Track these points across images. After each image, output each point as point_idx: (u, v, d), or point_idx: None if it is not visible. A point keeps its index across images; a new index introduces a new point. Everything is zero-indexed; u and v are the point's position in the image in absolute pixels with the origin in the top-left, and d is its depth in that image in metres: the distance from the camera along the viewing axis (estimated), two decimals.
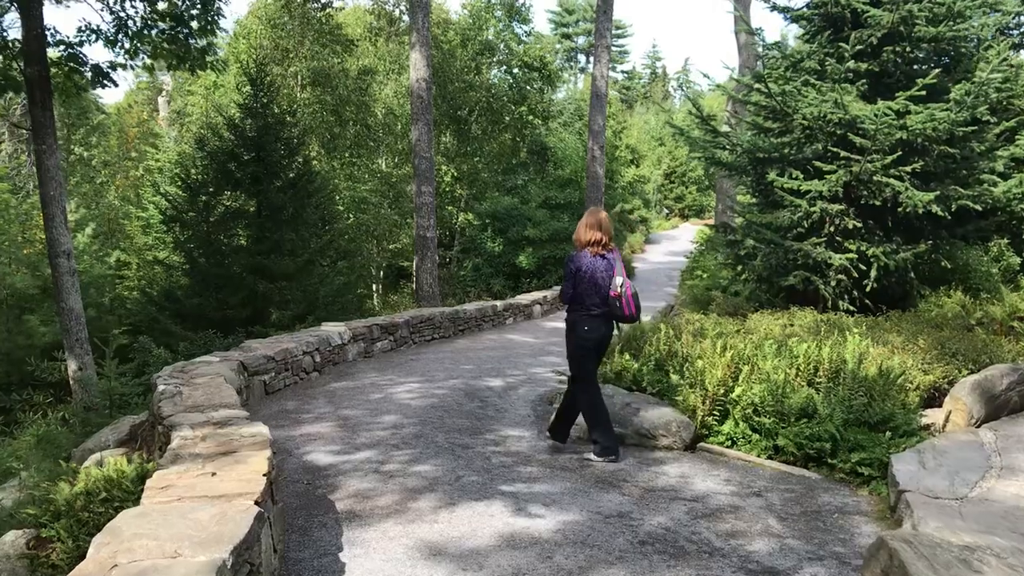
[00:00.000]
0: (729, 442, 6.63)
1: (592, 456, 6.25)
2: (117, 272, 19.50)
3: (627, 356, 7.84)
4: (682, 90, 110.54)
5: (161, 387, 6.46)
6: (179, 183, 15.12)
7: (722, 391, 6.76)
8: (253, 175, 14.33)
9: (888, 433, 6.15)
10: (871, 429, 6.26)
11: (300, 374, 9.45)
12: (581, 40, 76.75)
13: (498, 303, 17.28)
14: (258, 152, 14.40)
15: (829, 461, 6.15)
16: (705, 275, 13.19)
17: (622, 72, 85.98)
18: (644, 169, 44.60)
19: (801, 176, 9.70)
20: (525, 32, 30.34)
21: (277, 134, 14.80)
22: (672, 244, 42.41)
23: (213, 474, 3.87)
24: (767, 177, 9.70)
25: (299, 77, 21.89)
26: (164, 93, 35.50)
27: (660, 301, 23.47)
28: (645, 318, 15.45)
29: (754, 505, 5.30)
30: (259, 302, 13.98)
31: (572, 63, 75.92)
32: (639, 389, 7.50)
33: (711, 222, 51.37)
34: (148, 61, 13.61)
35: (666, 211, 54.82)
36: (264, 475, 3.87)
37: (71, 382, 12.49)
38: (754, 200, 11.50)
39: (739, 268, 10.98)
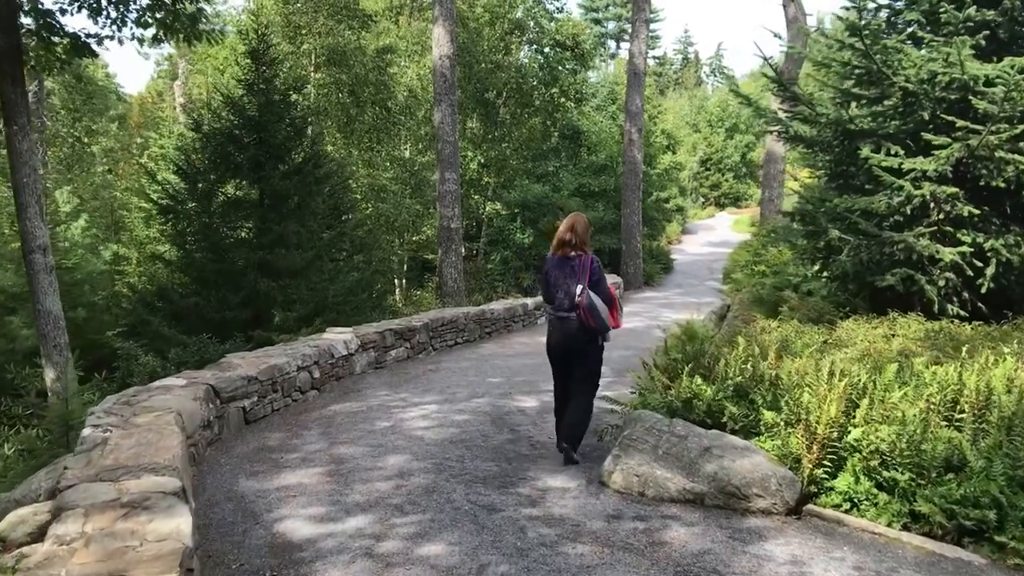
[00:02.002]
0: (847, 504, 4.90)
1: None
2: (116, 267, 18.03)
3: (698, 380, 6.12)
4: (715, 76, 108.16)
5: (87, 430, 4.86)
6: (176, 170, 13.58)
7: (835, 433, 5.04)
8: (254, 159, 12.73)
9: None
10: None
11: (293, 394, 7.84)
12: (611, 26, 74.62)
13: (528, 301, 15.60)
14: (259, 134, 12.81)
15: (995, 538, 4.43)
16: (769, 271, 11.41)
17: (653, 58, 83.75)
18: (680, 156, 42.59)
19: (902, 152, 7.90)
20: (557, 8, 28.48)
21: (281, 113, 13.19)
22: (709, 234, 40.49)
23: None
24: (860, 153, 7.91)
25: (312, 56, 20.28)
26: (180, 79, 34.14)
27: (705, 297, 21.67)
28: (699, 317, 13.70)
29: None
30: (261, 302, 12.41)
31: (603, 48, 73.71)
32: (715, 424, 5.80)
33: (749, 211, 49.30)
34: (137, 31, 12.10)
35: (702, 200, 52.77)
36: None
37: (49, 393, 11.03)
38: (829, 183, 9.69)
39: (819, 264, 9.22)
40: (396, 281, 23.49)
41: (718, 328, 12.49)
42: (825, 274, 9.34)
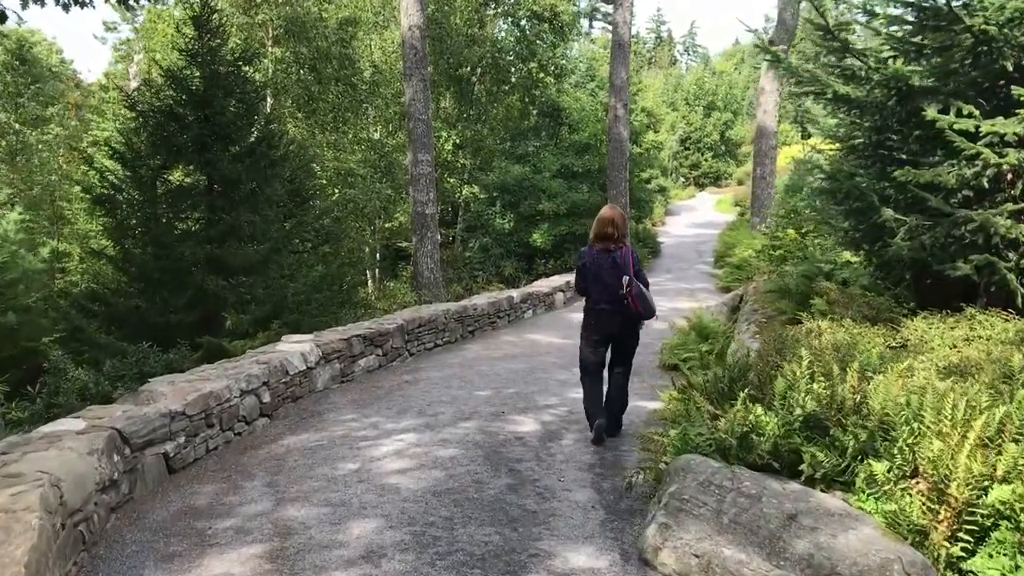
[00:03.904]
0: None
1: None
2: (57, 265, 16.26)
3: (758, 409, 4.67)
4: (689, 55, 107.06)
5: None
6: (113, 155, 11.90)
7: (974, 491, 3.61)
8: (198, 140, 11.06)
9: None
10: None
11: (236, 426, 6.30)
12: (583, 3, 72.81)
13: (514, 293, 14.11)
14: (204, 111, 11.14)
15: None
16: (792, 257, 10.00)
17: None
18: (660, 135, 41.15)
19: (977, 112, 6.47)
20: None
21: (230, 87, 11.52)
22: (693, 215, 39.16)
23: None
24: (925, 115, 6.47)
25: (269, 28, 18.52)
26: (134, 63, 32.10)
27: (697, 282, 20.32)
28: (705, 306, 12.33)
29: None
30: (210, 303, 10.81)
31: (577, 26, 71.93)
32: (785, 468, 4.37)
33: (731, 190, 48.01)
34: None
35: (682, 180, 51.46)
36: None
37: None
38: (864, 153, 8.22)
39: (864, 250, 7.79)
40: (368, 273, 21.89)
41: (731, 322, 11.08)
42: (865, 261, 7.94)
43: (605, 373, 6.29)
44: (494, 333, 12.63)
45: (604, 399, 6.24)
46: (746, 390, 4.79)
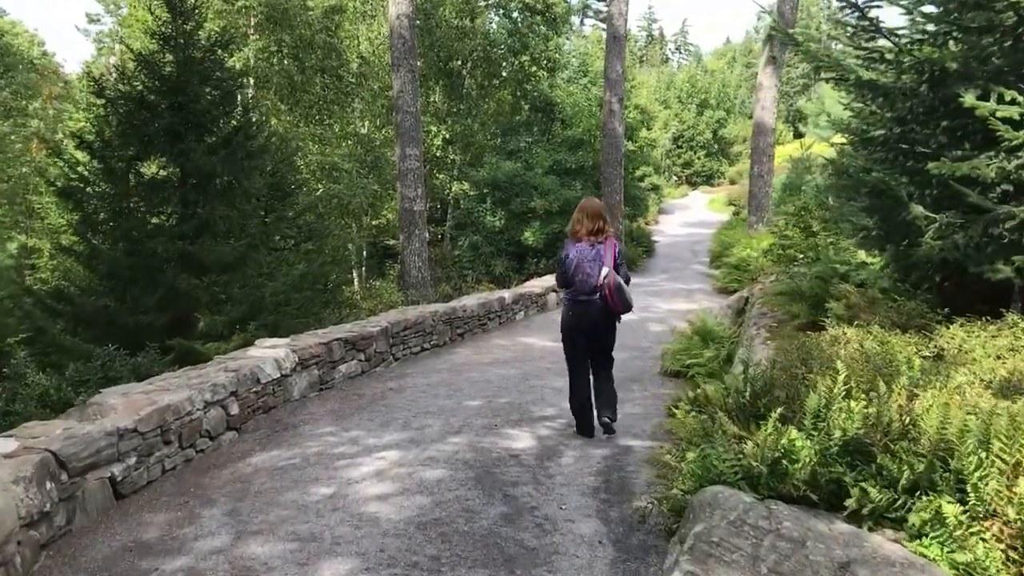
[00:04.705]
0: None
1: None
2: (27, 262, 15.51)
3: (792, 432, 4.05)
4: (680, 53, 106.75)
5: None
6: (80, 144, 11.18)
7: None
8: (170, 129, 10.36)
9: None
10: None
11: (199, 442, 5.64)
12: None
13: (505, 294, 13.48)
14: (177, 98, 10.45)
15: None
16: (804, 256, 9.40)
17: None
18: (653, 132, 40.60)
19: (1020, 98, 5.88)
20: None
21: (205, 73, 10.83)
22: (686, 214, 38.64)
23: None
24: (962, 101, 5.88)
25: (250, 14, 17.78)
26: (115, 54, 31.30)
27: (694, 283, 19.75)
28: (711, 307, 11.73)
29: None
30: (182, 303, 10.13)
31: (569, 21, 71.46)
32: (823, 501, 3.77)
33: (724, 189, 47.48)
34: None
35: (675, 178, 50.95)
36: None
37: None
38: (885, 146, 7.62)
39: (890, 249, 7.19)
40: (354, 271, 21.20)
41: (736, 325, 10.48)
42: (885, 262, 7.36)
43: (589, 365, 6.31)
44: (484, 336, 11.99)
45: (591, 392, 6.28)
46: (778, 410, 4.15)
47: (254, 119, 12.30)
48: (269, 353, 7.11)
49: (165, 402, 5.28)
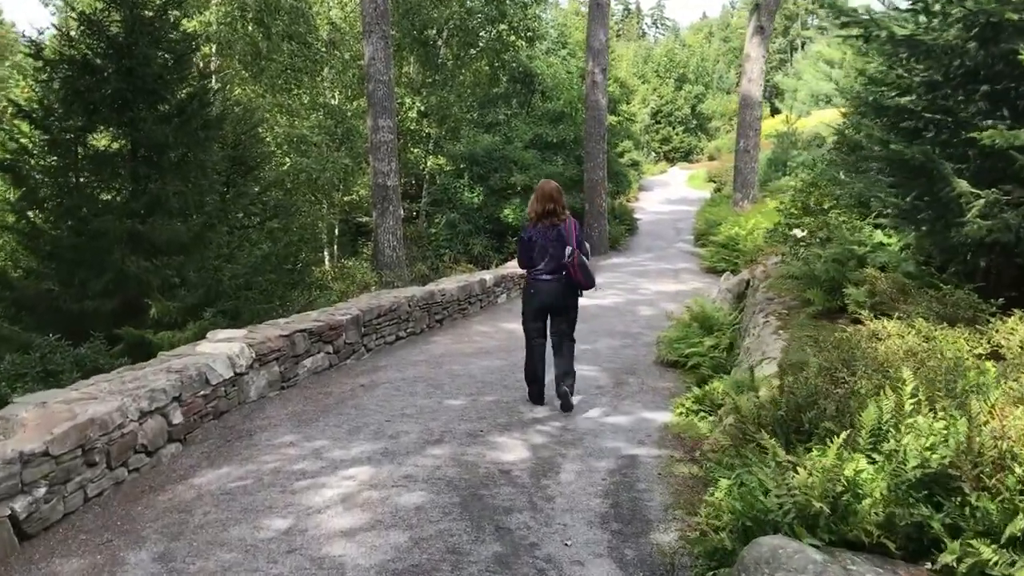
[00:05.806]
0: None
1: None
2: None
3: (861, 461, 3.26)
4: (657, 27, 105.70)
5: None
6: (19, 113, 10.15)
7: None
8: (119, 95, 9.37)
9: None
10: None
11: (132, 460, 4.77)
12: None
13: (487, 276, 12.65)
14: (125, 61, 9.44)
15: None
16: (815, 237, 8.63)
17: None
18: (633, 107, 39.71)
19: None
20: None
21: (156, 35, 9.81)
22: (666, 191, 37.88)
23: None
24: (1021, 58, 5.10)
25: None
26: (54, 15, 29.83)
27: (679, 262, 19.01)
28: (702, 284, 11.00)
29: None
30: (131, 288, 9.18)
31: None
32: (902, 549, 3.01)
33: (702, 165, 46.74)
34: None
35: (653, 154, 50.15)
36: None
37: None
38: (912, 115, 6.81)
39: (921, 231, 6.43)
40: (326, 250, 20.22)
41: (738, 311, 9.73)
42: (912, 243, 6.62)
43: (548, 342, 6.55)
44: (465, 322, 11.15)
45: (545, 366, 6.56)
46: (843, 433, 3.36)
47: (210, 85, 11.25)
48: (222, 348, 6.23)
49: (88, 415, 4.40)
